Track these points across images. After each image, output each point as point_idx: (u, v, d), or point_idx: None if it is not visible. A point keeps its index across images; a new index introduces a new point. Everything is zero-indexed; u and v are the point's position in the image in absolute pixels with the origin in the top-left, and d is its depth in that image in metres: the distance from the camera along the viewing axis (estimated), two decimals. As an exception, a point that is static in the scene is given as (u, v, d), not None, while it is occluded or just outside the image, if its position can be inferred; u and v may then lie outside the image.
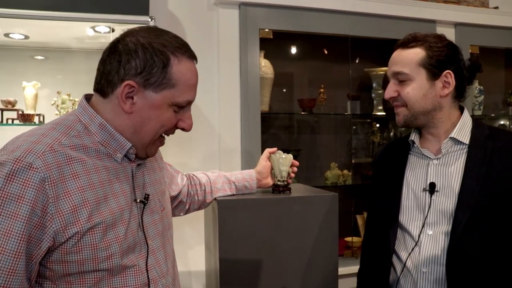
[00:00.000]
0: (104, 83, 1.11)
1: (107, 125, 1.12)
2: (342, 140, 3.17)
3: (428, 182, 1.46)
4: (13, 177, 0.96)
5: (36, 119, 2.21)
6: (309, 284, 1.72)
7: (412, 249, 1.45)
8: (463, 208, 1.37)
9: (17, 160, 0.97)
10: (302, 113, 2.91)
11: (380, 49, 3.15)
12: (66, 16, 2.05)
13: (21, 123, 2.17)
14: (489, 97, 3.28)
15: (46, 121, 2.26)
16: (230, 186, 1.72)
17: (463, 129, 1.46)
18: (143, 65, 1.08)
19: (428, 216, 1.44)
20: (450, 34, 2.86)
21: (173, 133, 1.21)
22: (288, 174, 1.77)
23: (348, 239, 2.85)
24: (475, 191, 1.37)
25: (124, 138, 1.13)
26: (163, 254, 1.24)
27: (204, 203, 1.69)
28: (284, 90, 3.03)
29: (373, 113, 3.12)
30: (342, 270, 2.63)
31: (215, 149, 2.49)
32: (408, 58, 1.45)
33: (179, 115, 1.16)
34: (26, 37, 2.33)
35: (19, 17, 1.99)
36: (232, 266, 1.61)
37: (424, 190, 1.47)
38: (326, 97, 2.95)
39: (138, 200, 1.17)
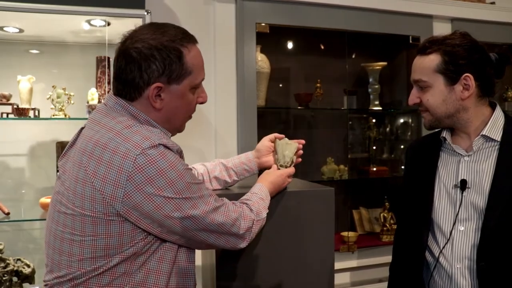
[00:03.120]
0: (130, 90, 1.20)
1: (150, 119, 1.23)
2: (339, 135, 3.17)
3: (460, 179, 1.46)
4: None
5: (31, 113, 2.20)
6: (306, 279, 1.72)
7: (444, 245, 1.46)
8: (494, 205, 1.37)
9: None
10: (299, 107, 2.91)
11: (377, 44, 3.15)
12: (61, 10, 2.03)
13: (16, 117, 2.16)
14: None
15: (41, 116, 2.24)
16: (229, 173, 1.69)
17: (495, 126, 1.45)
18: (163, 65, 1.18)
19: (459, 213, 1.45)
20: (446, 29, 2.86)
21: (195, 110, 1.34)
22: (292, 161, 1.68)
23: (344, 234, 2.86)
24: (506, 188, 1.37)
25: (165, 130, 1.27)
26: None
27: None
28: (281, 85, 3.03)
29: (370, 108, 3.12)
30: (338, 265, 2.64)
31: (211, 143, 2.49)
32: (425, 66, 1.45)
33: (196, 94, 1.30)
34: (21, 30, 2.31)
35: (13, 10, 1.97)
36: (228, 261, 1.61)
37: (456, 186, 1.48)
38: (322, 92, 2.95)
39: None
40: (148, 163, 1.10)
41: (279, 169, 1.67)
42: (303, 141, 1.72)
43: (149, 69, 1.17)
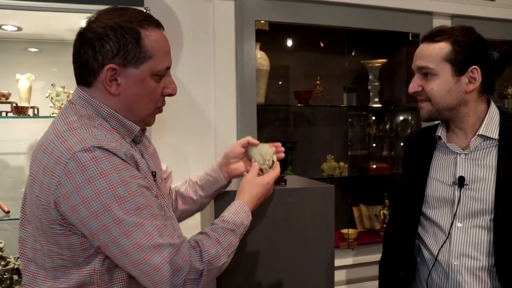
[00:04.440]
0: (86, 73, 1.13)
1: (114, 112, 1.15)
2: (338, 132, 3.17)
3: (457, 176, 1.45)
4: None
5: (30, 112, 2.20)
6: (306, 276, 1.72)
7: (443, 242, 1.45)
8: (503, 203, 1.36)
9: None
10: (298, 105, 2.91)
11: (377, 41, 3.15)
12: (60, 7, 2.02)
13: (15, 115, 2.16)
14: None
15: (40, 114, 2.24)
16: (194, 188, 1.54)
17: (491, 123, 1.44)
18: (117, 45, 1.09)
19: (458, 210, 1.44)
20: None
21: (164, 103, 1.23)
22: (273, 161, 1.47)
23: (344, 231, 2.86)
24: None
25: (132, 123, 1.17)
26: (176, 221, 1.34)
27: (177, 210, 1.55)
28: (280, 82, 3.03)
29: (369, 105, 3.12)
30: (338, 262, 2.64)
31: (211, 141, 2.48)
32: (434, 53, 1.41)
33: (162, 83, 1.19)
34: (19, 28, 2.30)
35: (11, 8, 1.96)
36: (228, 258, 1.61)
37: (454, 184, 1.46)
38: (322, 89, 2.95)
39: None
40: (77, 169, 1.00)
41: (260, 169, 1.46)
42: (279, 144, 1.52)
43: (103, 49, 1.09)
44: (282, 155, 1.51)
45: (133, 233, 1.02)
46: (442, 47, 1.40)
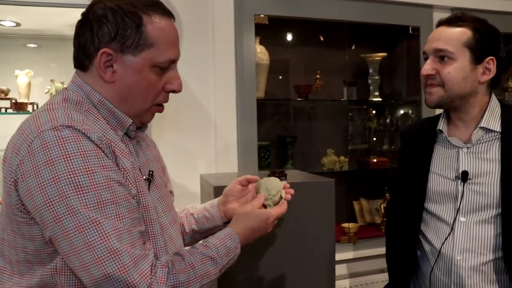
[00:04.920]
0: (82, 56, 1.05)
1: (106, 101, 1.06)
2: (339, 126, 3.16)
3: (460, 170, 1.43)
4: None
5: (29, 108, 2.19)
6: (307, 270, 1.73)
7: (446, 237, 1.43)
8: (509, 196, 1.35)
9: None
10: (298, 99, 2.90)
11: (377, 35, 3.14)
12: (58, 2, 2.02)
13: (15, 112, 2.15)
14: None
15: (40, 110, 2.24)
16: (189, 220, 1.40)
17: (492, 115, 1.42)
18: (115, 28, 1.01)
19: (461, 204, 1.42)
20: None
21: (166, 100, 1.14)
22: (281, 197, 1.34)
23: (345, 225, 2.86)
24: None
25: (124, 115, 1.07)
26: (176, 229, 1.21)
27: None
28: (280, 77, 3.02)
29: (370, 99, 3.11)
30: (339, 256, 2.65)
31: (211, 135, 2.48)
32: (454, 36, 1.38)
33: (165, 77, 1.10)
34: (18, 24, 2.30)
35: (10, 3, 1.96)
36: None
37: (456, 178, 1.44)
38: (322, 83, 2.94)
39: (144, 177, 1.12)
40: (40, 148, 0.89)
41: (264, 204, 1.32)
42: (287, 185, 1.40)
43: (100, 31, 1.01)
44: (289, 197, 1.37)
45: (86, 229, 0.88)
46: (463, 32, 1.38)
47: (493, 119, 1.42)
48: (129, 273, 0.90)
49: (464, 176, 1.42)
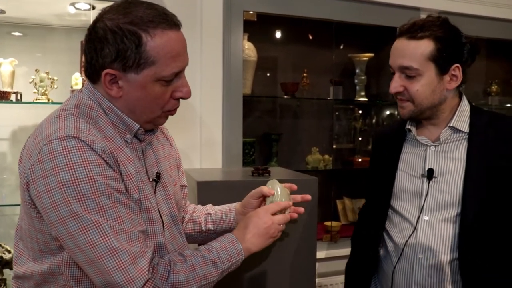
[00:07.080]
0: (91, 71, 1.11)
1: (115, 108, 1.12)
2: (324, 125, 3.18)
3: (426, 169, 1.43)
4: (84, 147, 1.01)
5: (13, 97, 2.16)
6: (288, 267, 1.73)
7: (410, 236, 1.43)
8: (470, 196, 1.36)
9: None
10: (285, 97, 2.91)
11: (364, 35, 3.15)
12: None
13: (-2, 100, 2.12)
14: (470, 86, 3.31)
15: (23, 100, 2.21)
16: (206, 219, 1.48)
17: (462, 116, 1.43)
18: (115, 50, 1.04)
19: (425, 202, 1.42)
20: (433, 22, 2.86)
21: (176, 106, 1.18)
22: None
23: (328, 223, 2.88)
24: (483, 179, 1.36)
25: (131, 120, 1.13)
26: (179, 228, 1.28)
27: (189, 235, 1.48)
28: (268, 74, 3.02)
29: (356, 99, 3.13)
30: (320, 254, 2.67)
31: (196, 131, 2.47)
32: (418, 52, 1.35)
33: (171, 87, 1.13)
34: (2, 11, 2.26)
35: (-5, -10, 1.93)
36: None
37: (422, 176, 1.45)
38: (309, 81, 2.95)
39: (150, 179, 1.19)
40: (48, 156, 0.98)
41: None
42: (295, 187, 1.44)
43: (102, 52, 1.05)
44: (295, 215, 1.39)
45: (88, 230, 0.98)
46: (426, 46, 1.35)
47: (462, 120, 1.43)
48: (127, 269, 1.00)
49: (430, 174, 1.42)
